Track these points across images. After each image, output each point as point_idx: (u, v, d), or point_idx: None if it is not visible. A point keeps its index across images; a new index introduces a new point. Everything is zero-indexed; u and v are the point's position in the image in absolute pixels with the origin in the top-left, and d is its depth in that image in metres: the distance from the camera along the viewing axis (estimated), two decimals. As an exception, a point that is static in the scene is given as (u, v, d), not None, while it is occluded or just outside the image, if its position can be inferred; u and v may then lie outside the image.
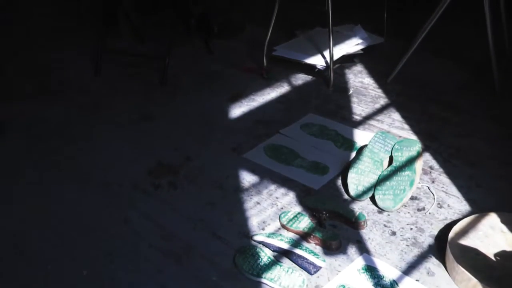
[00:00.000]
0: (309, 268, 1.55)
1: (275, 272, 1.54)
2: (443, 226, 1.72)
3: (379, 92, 2.61)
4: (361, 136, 2.22)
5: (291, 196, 1.89)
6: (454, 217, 1.75)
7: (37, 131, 2.35)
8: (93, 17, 3.51)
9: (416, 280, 1.50)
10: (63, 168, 2.10)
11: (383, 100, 2.53)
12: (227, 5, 3.20)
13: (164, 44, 2.80)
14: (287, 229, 1.73)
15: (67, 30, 3.52)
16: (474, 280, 1.42)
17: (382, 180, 1.86)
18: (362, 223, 1.71)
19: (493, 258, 1.52)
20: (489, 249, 1.54)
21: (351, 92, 2.62)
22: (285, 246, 1.63)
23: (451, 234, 1.58)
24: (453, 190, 1.89)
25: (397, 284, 1.49)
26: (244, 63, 2.95)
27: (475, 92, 2.53)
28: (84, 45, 3.20)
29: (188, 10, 3.05)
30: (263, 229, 1.74)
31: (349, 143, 2.18)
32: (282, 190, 1.93)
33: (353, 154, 2.10)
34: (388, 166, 1.92)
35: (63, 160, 2.14)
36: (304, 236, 1.68)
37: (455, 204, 1.81)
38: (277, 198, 1.89)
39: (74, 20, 3.68)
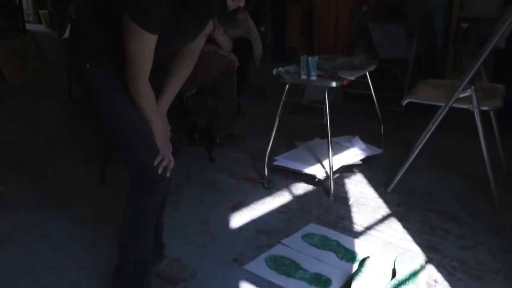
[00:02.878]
0: None
1: None
2: None
3: (379, 202, 2.63)
4: (362, 247, 2.20)
5: (293, 311, 1.84)
6: (463, 335, 1.69)
7: (37, 246, 2.32)
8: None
9: None
10: (61, 285, 2.06)
11: (383, 210, 2.54)
12: (230, 117, 3.32)
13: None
14: None
15: (73, 135, 3.63)
16: None
17: (386, 294, 1.82)
18: None
19: None
20: None
21: (351, 202, 2.64)
22: None
23: None
24: (460, 305, 1.84)
25: None
26: (245, 173, 3.01)
27: (475, 204, 2.55)
28: (89, 153, 3.28)
29: (193, 122, 3.16)
30: None
31: (351, 254, 2.16)
32: (283, 304, 1.87)
33: (355, 266, 2.07)
34: (391, 279, 1.89)
35: (62, 280, 2.09)
36: None
37: (463, 320, 1.76)
38: (278, 312, 1.83)
39: (80, 125, 3.80)
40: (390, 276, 1.91)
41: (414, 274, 1.85)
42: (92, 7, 1.66)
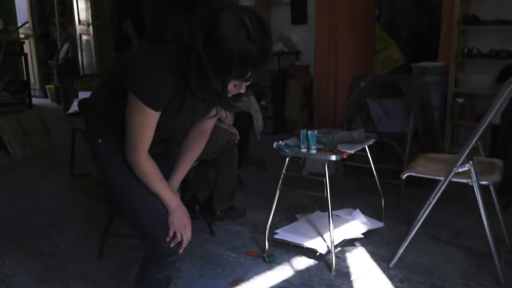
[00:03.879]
0: None
1: None
2: None
3: (382, 277, 2.58)
4: (366, 326, 2.14)
5: None
6: None
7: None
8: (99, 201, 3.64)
9: None
10: None
11: (387, 286, 2.49)
12: (230, 190, 3.33)
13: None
14: None
15: (73, 209, 3.62)
16: None
17: None
18: None
19: None
20: None
21: (353, 277, 2.59)
22: None
23: None
24: None
25: None
26: (245, 246, 2.97)
27: (479, 280, 2.50)
28: (88, 227, 3.26)
29: (193, 195, 3.17)
30: None
31: (355, 333, 2.09)
32: None
33: None
34: None
35: None
36: None
37: None
38: None
39: (81, 199, 3.80)
40: None
41: None
42: (106, 85, 1.74)
